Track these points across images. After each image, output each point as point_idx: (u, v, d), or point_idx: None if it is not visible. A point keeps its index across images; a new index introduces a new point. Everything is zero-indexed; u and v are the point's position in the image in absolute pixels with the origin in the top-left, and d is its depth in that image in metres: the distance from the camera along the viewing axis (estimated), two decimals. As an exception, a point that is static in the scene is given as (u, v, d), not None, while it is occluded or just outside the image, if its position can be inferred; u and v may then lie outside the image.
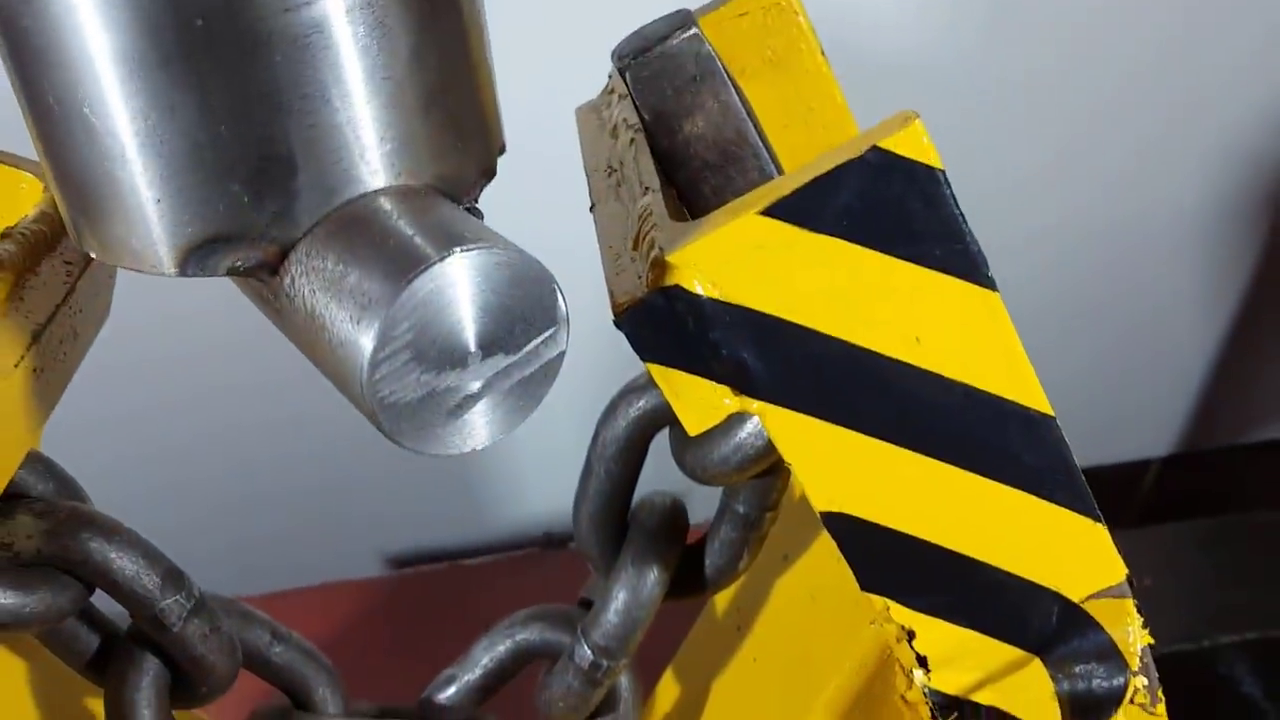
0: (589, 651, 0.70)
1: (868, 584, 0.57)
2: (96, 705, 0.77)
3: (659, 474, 0.73)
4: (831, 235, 0.47)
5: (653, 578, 0.70)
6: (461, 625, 0.91)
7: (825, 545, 0.74)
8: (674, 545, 0.71)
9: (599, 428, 0.70)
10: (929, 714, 0.67)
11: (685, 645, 0.89)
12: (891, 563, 0.56)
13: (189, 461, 1.76)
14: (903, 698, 0.69)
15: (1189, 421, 2.31)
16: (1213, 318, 2.18)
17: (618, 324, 0.49)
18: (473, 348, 0.44)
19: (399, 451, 0.46)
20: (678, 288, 0.48)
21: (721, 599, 0.86)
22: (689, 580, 0.73)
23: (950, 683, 0.60)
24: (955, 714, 0.61)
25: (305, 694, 0.77)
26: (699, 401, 0.51)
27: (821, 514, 0.54)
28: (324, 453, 1.88)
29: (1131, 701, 0.62)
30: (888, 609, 0.58)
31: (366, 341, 0.42)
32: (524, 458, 1.80)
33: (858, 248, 0.48)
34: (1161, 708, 0.63)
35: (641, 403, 0.68)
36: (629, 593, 0.70)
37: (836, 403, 0.51)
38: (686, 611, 0.91)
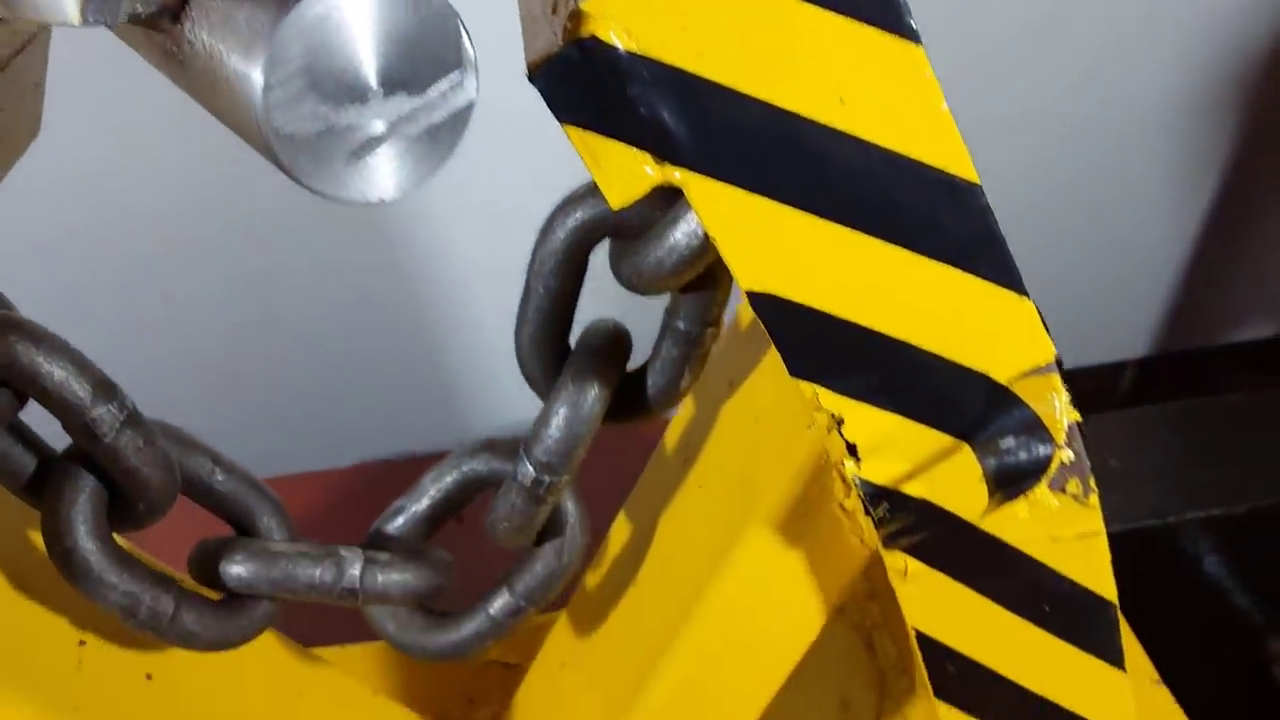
0: (531, 468, 0.71)
1: (796, 369, 0.57)
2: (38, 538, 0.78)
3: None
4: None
5: (593, 394, 0.70)
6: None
7: (768, 367, 0.74)
8: (615, 364, 0.71)
9: (536, 245, 0.69)
10: (868, 524, 0.67)
11: (637, 487, 0.90)
12: (818, 346, 0.56)
13: (161, 358, 1.76)
14: (841, 506, 0.70)
15: (1164, 324, 2.32)
16: (1185, 221, 2.18)
17: (531, 79, 0.48)
18: (374, 84, 0.43)
19: (375, 358, 0.45)
20: (594, 39, 0.47)
21: (671, 435, 0.86)
22: (631, 402, 0.73)
23: (880, 472, 0.60)
24: (885, 504, 0.61)
25: (250, 522, 0.77)
26: (620, 169, 0.50)
27: (748, 294, 0.54)
28: (300, 359, 1.88)
29: (1064, 490, 0.62)
30: (816, 396, 0.58)
31: (257, 70, 0.41)
32: (501, 364, 1.80)
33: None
34: (1095, 499, 0.63)
35: (578, 214, 0.67)
36: (569, 408, 0.70)
37: (759, 171, 0.51)
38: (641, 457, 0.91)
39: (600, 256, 0.71)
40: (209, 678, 0.82)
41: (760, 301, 0.54)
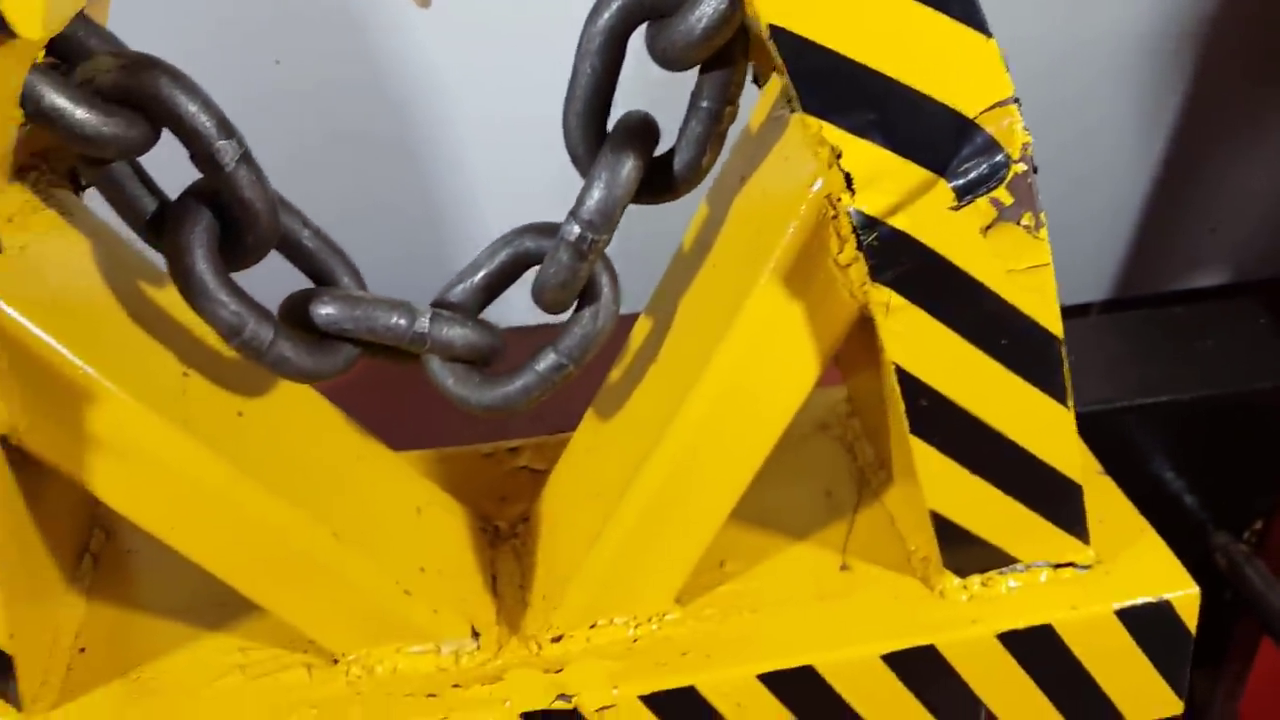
0: (577, 227, 0.83)
1: (807, 104, 0.69)
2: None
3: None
4: None
5: (630, 163, 0.82)
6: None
7: (775, 157, 0.86)
8: (647, 141, 0.84)
9: (584, 27, 0.81)
10: (858, 276, 0.80)
11: (656, 290, 1.02)
12: (827, 82, 0.69)
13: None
14: (835, 261, 0.82)
15: (1125, 268, 2.45)
16: (1143, 167, 2.31)
17: None
18: None
19: (374, 230, 0.54)
20: None
21: (688, 238, 0.99)
22: (660, 180, 0.86)
23: (872, 204, 0.73)
24: (875, 234, 0.74)
25: (332, 279, 0.89)
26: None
27: (770, 29, 0.66)
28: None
29: (1018, 222, 0.75)
30: (821, 129, 0.71)
31: None
32: None
33: None
34: (1044, 233, 0.76)
35: (622, -2, 0.79)
36: (610, 173, 0.82)
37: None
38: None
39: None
40: (286, 428, 0.94)
41: (781, 36, 0.67)
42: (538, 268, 0.90)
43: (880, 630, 0.94)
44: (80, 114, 0.72)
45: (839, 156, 0.72)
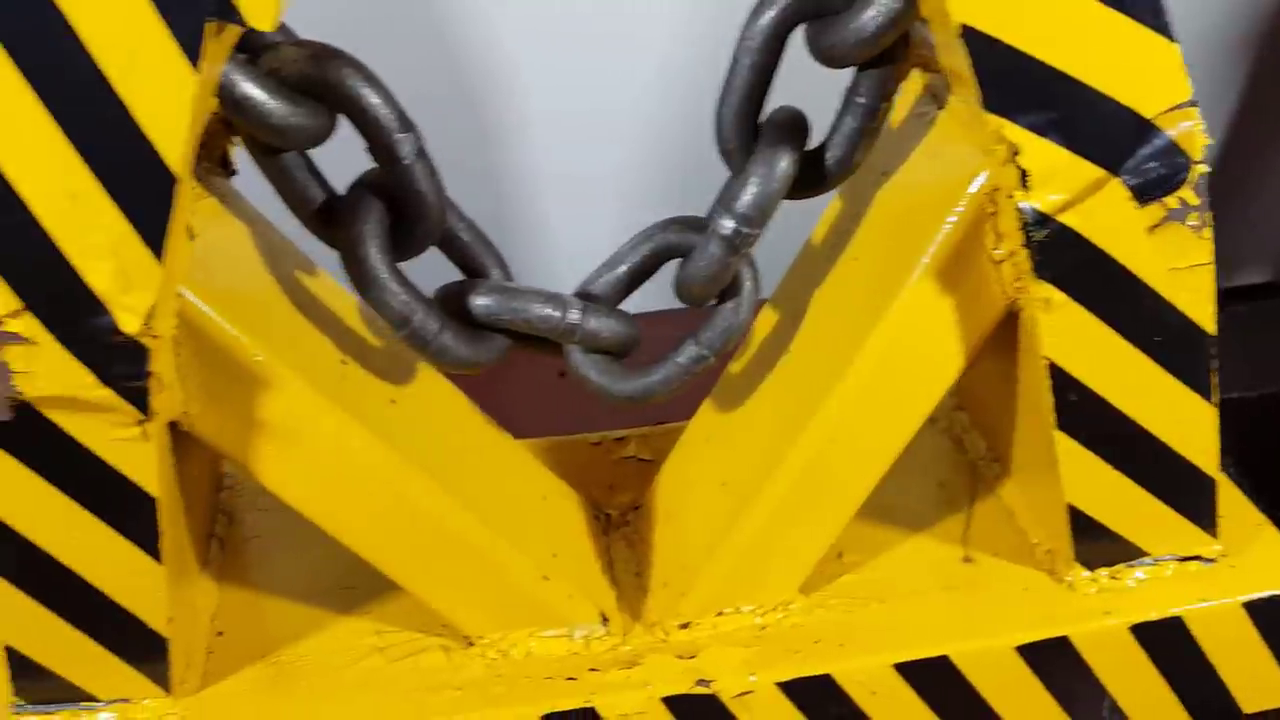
0: (731, 221, 0.84)
1: (989, 102, 0.71)
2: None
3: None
4: None
5: (786, 158, 0.84)
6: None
7: (922, 153, 0.87)
8: (800, 137, 0.86)
9: (746, 24, 0.82)
10: (1010, 275, 0.81)
11: (780, 284, 1.03)
12: (1010, 81, 0.70)
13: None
14: (989, 257, 0.83)
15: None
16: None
17: None
18: None
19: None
20: None
21: (818, 233, 1.00)
22: (811, 174, 0.87)
23: (1045, 201, 0.75)
24: (1045, 231, 0.75)
25: (482, 270, 0.90)
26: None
27: (962, 28, 0.67)
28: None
29: (1184, 222, 0.76)
30: (1001, 128, 0.72)
31: None
32: (560, 246, 1.89)
33: None
34: (1209, 232, 0.77)
35: (786, -2, 0.81)
36: (766, 168, 0.83)
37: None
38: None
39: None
40: (431, 416, 0.95)
41: (971, 36, 0.68)
42: (678, 260, 0.92)
43: (1013, 621, 0.95)
44: (271, 104, 0.73)
45: (1016, 154, 0.73)
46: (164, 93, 0.60)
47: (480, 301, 0.88)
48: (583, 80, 1.89)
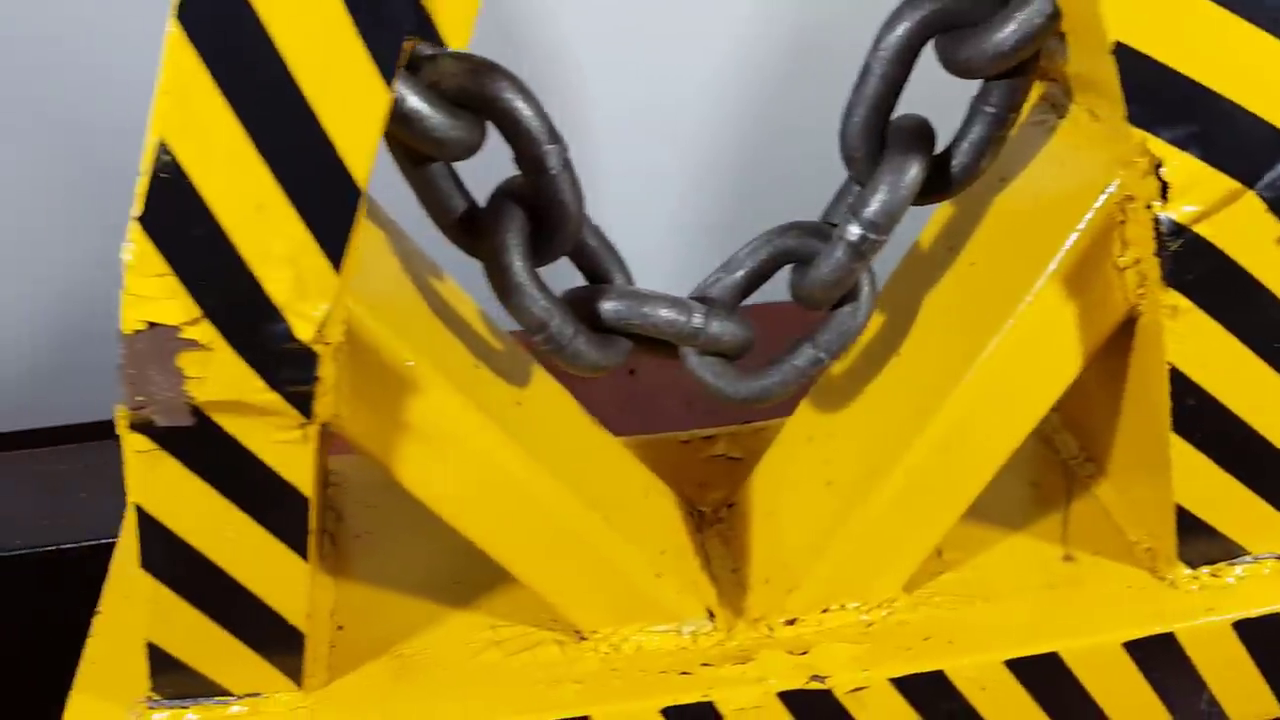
0: (859, 227, 0.86)
1: (1135, 117, 0.73)
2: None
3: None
4: None
5: (914, 166, 0.85)
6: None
7: (1045, 160, 0.89)
8: (928, 145, 0.87)
9: (880, 34, 0.84)
10: (1134, 281, 0.83)
11: (886, 286, 1.04)
12: (1157, 97, 0.72)
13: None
14: (1114, 265, 0.85)
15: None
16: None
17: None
18: None
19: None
20: None
21: (927, 236, 1.01)
22: (936, 181, 0.88)
23: (1182, 212, 0.76)
24: (1180, 241, 0.76)
25: (606, 276, 0.92)
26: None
27: (1116, 45, 0.69)
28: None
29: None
30: (1144, 141, 0.74)
31: None
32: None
33: None
34: (1340, 241, 0.79)
35: (924, 8, 0.82)
36: (895, 175, 0.85)
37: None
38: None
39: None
40: (552, 417, 0.98)
41: (1123, 54, 0.70)
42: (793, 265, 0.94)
43: (1120, 619, 0.98)
44: (435, 117, 0.74)
45: (1159, 166, 0.75)
46: (357, 108, 0.62)
47: (609, 306, 0.90)
48: (641, 80, 1.91)
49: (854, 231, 0.87)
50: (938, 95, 0.88)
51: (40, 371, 2.00)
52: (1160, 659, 0.99)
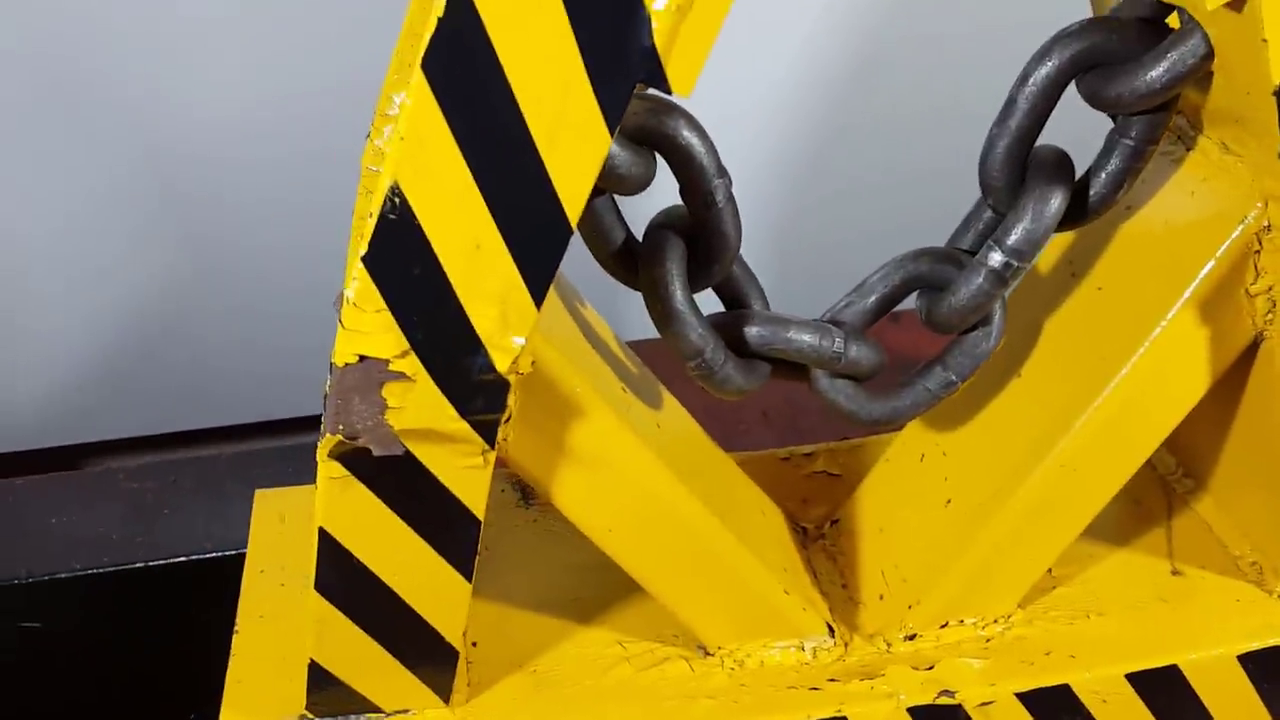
0: (1002, 255, 0.89)
1: (1284, 154, 0.76)
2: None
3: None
4: None
5: (1058, 196, 0.89)
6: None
7: (1175, 190, 0.92)
8: (1068, 176, 0.91)
9: (1028, 68, 0.87)
10: (1263, 307, 0.86)
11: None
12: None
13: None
14: (1246, 291, 0.89)
15: None
16: None
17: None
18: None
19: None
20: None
21: (1045, 261, 1.04)
22: (1073, 209, 0.92)
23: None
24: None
25: (745, 301, 0.94)
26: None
27: (1277, 88, 0.72)
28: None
29: None
30: (1293, 182, 0.77)
31: None
32: None
33: None
34: None
35: (1074, 45, 0.86)
36: (1039, 205, 0.88)
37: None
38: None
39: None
40: (682, 439, 1.01)
41: (1285, 98, 0.73)
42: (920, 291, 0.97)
43: (1234, 631, 1.02)
44: (621, 154, 0.77)
45: (1299, 206, 0.79)
46: (581, 154, 0.64)
47: (754, 331, 0.93)
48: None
49: (997, 259, 0.90)
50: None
51: (104, 385, 2.03)
52: (1272, 671, 1.03)
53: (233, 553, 1.51)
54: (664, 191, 0.87)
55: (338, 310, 0.75)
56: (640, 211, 0.90)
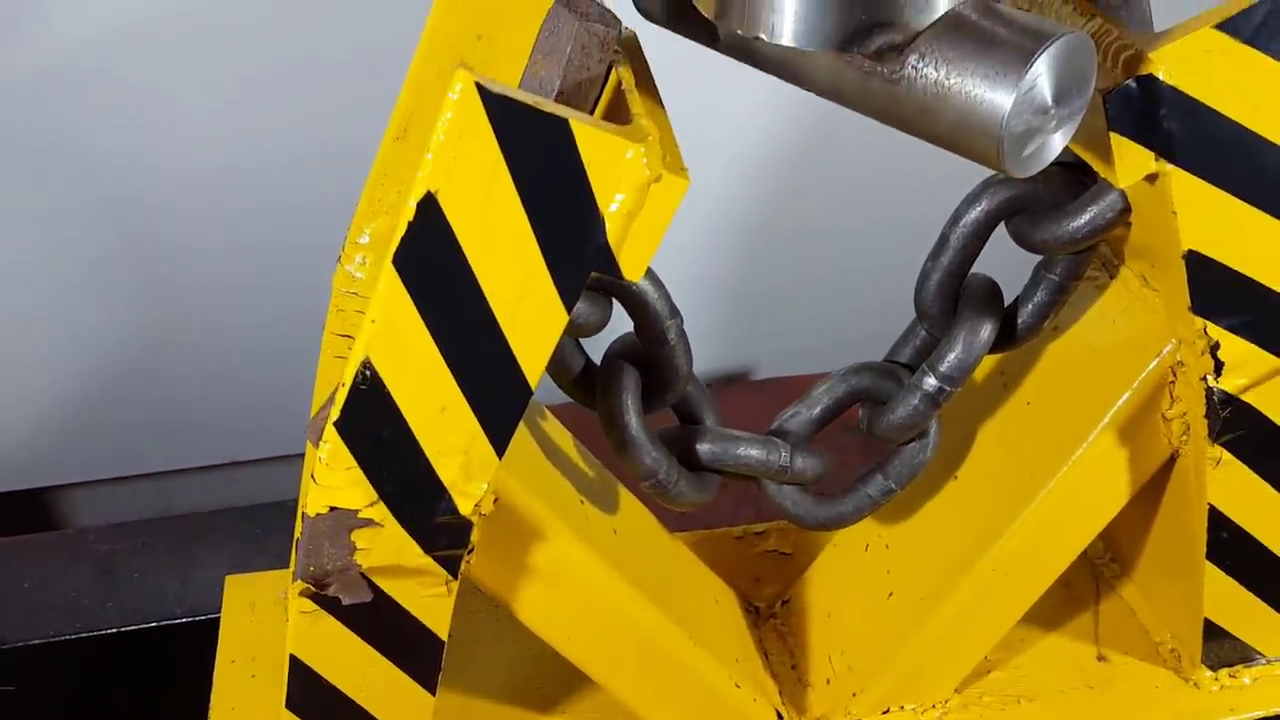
0: (935, 380, 0.95)
1: (1198, 307, 0.82)
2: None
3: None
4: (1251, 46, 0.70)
5: (987, 327, 0.95)
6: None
7: (1097, 316, 0.98)
8: (998, 306, 0.97)
9: (960, 210, 0.93)
10: (1178, 430, 0.93)
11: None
12: (1218, 292, 0.82)
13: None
14: (1162, 416, 0.95)
15: None
16: None
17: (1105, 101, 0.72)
18: (1051, 99, 0.66)
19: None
20: (1149, 76, 0.71)
21: (979, 371, 1.10)
22: (1002, 336, 0.97)
23: (1231, 385, 0.87)
24: (1230, 408, 0.86)
25: (698, 417, 0.99)
26: (1131, 162, 0.75)
27: (1187, 252, 0.79)
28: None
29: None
30: (1205, 327, 0.83)
31: (1003, 93, 0.64)
32: None
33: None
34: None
35: (1002, 193, 0.91)
36: (970, 335, 0.94)
37: (1231, 175, 0.77)
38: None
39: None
40: (637, 540, 1.05)
41: (1192, 258, 0.79)
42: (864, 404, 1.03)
43: (1153, 718, 1.08)
44: (579, 307, 0.81)
45: (1215, 348, 0.85)
46: (540, 331, 0.69)
47: (705, 448, 0.98)
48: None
49: (930, 383, 0.96)
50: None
51: (66, 429, 2.04)
52: (1190, 758, 1.10)
53: (203, 618, 1.55)
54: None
55: (313, 441, 0.79)
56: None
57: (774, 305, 2.25)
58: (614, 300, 0.88)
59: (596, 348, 0.96)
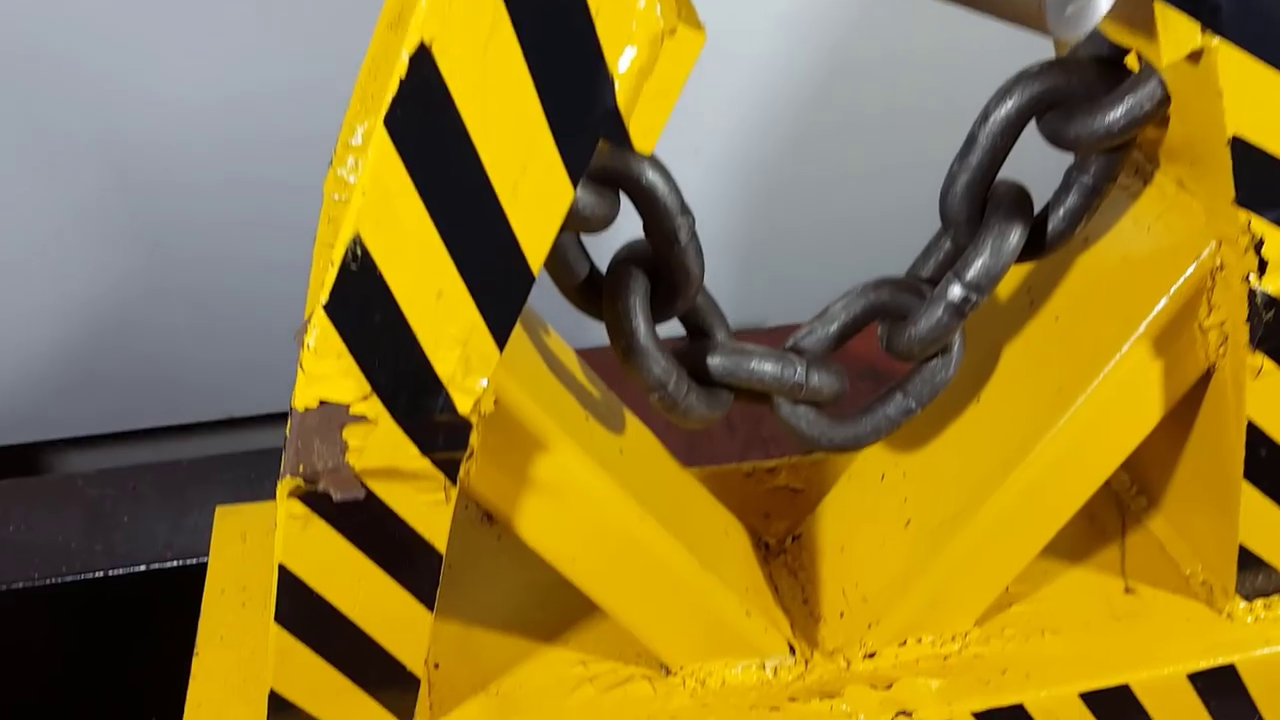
0: (960, 289, 0.91)
1: (1242, 198, 0.78)
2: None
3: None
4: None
5: (1016, 231, 0.91)
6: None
7: (1130, 224, 0.94)
8: (1027, 212, 0.92)
9: (990, 106, 0.89)
10: (1215, 341, 0.89)
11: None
12: (1265, 182, 0.77)
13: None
14: (1199, 326, 0.91)
15: None
16: None
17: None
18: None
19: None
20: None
21: (1003, 287, 1.06)
22: (1031, 244, 0.93)
23: (1275, 285, 0.83)
24: (1273, 311, 0.82)
25: (709, 330, 0.95)
26: (1176, 34, 0.70)
27: (1231, 139, 0.74)
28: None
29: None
30: (1249, 221, 0.79)
31: None
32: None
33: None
34: None
35: (1034, 87, 0.87)
36: (999, 240, 0.90)
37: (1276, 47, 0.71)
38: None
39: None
40: (645, 462, 1.02)
41: (1238, 145, 0.75)
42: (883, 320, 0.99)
43: (1184, 651, 1.05)
44: (582, 197, 0.77)
45: (1259, 245, 0.81)
46: (544, 206, 0.65)
47: (716, 361, 0.94)
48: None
49: (957, 292, 0.92)
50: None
51: (57, 382, 2.01)
52: (1221, 690, 1.06)
53: (194, 562, 1.52)
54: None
55: (298, 344, 0.75)
56: (605, 244, 0.91)
57: (783, 254, 2.22)
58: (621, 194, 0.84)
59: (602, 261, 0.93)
